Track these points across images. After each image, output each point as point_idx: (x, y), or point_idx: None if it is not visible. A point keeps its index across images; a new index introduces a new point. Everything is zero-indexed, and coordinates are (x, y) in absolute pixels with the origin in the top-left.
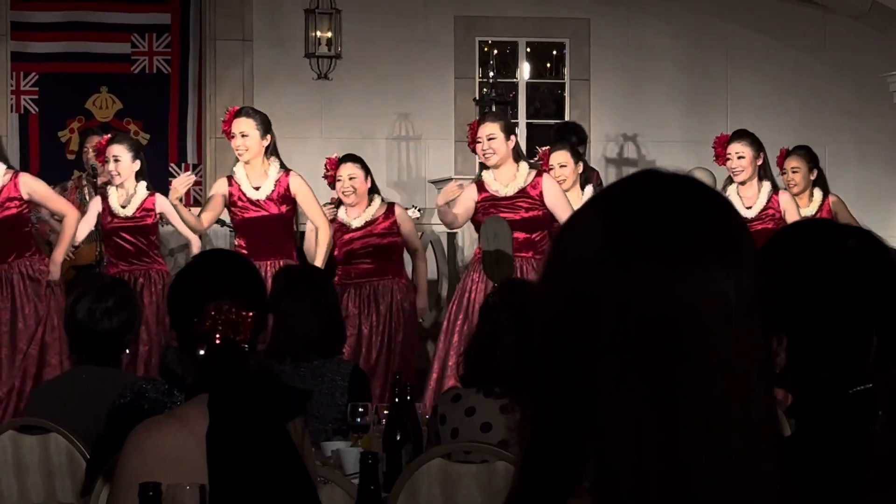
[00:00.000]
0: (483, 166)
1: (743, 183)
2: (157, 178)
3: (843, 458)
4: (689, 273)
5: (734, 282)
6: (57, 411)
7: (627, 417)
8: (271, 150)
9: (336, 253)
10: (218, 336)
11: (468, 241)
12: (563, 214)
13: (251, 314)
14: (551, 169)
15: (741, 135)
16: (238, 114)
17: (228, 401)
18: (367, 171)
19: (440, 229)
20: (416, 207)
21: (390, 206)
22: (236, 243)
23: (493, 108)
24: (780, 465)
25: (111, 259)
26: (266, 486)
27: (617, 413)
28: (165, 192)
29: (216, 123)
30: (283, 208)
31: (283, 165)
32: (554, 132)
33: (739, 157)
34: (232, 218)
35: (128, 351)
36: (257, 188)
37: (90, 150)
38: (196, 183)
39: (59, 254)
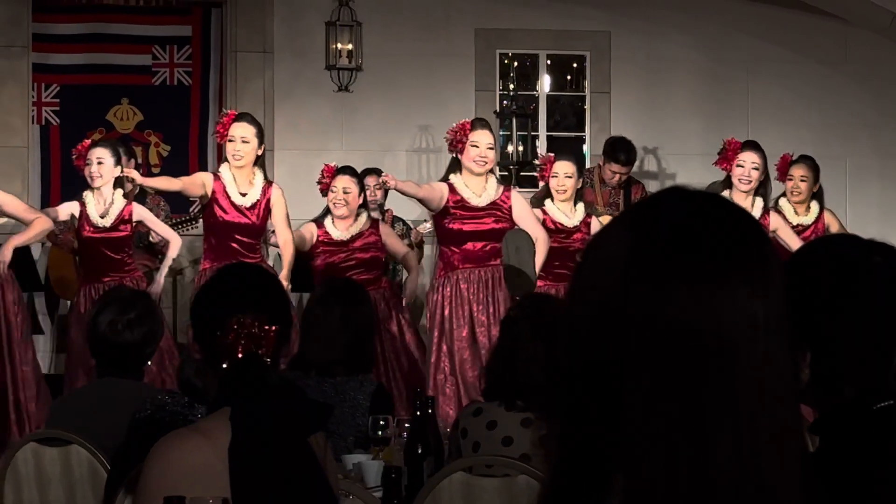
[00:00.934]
0: (453, 168)
1: (744, 192)
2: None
3: (867, 475)
4: (716, 291)
5: (761, 300)
6: (79, 423)
7: (656, 433)
8: (260, 161)
9: (317, 264)
10: (240, 350)
11: None
12: (530, 227)
13: (274, 328)
14: (555, 177)
15: (756, 146)
16: (240, 118)
17: (251, 414)
18: (363, 188)
19: None
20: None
21: (374, 222)
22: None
23: (514, 121)
24: (806, 482)
25: (84, 273)
26: (288, 499)
27: (645, 429)
28: (182, 206)
29: None
30: (263, 218)
31: (265, 176)
32: (606, 145)
33: (754, 168)
34: (208, 218)
35: (149, 363)
36: (244, 194)
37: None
38: None
39: (13, 242)
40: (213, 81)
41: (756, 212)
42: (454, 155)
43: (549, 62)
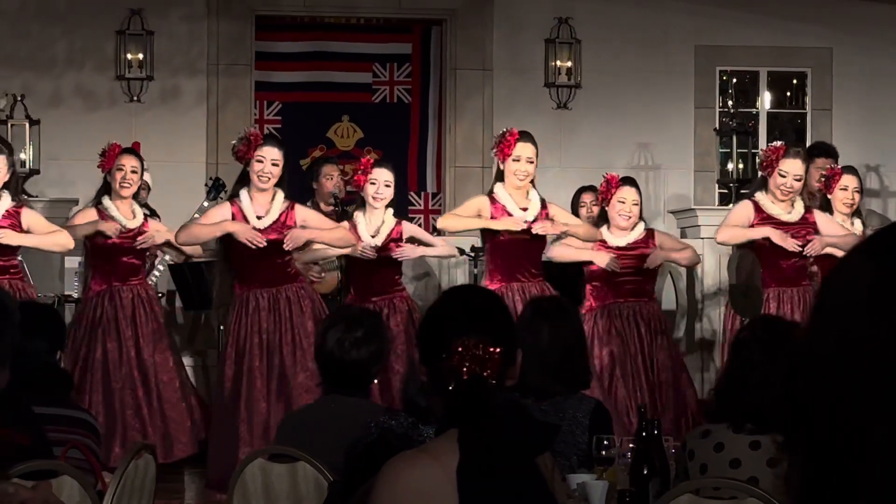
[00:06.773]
0: (760, 186)
1: None
2: (396, 207)
3: None
4: None
5: None
6: (306, 439)
7: None
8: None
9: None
10: (465, 372)
11: (711, 270)
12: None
13: (498, 350)
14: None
15: None
16: (523, 137)
17: (478, 436)
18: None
19: None
20: None
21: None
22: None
23: (734, 138)
24: None
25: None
26: None
27: (889, 464)
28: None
29: (456, 152)
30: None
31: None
32: (808, 150)
33: None
34: (486, 239)
35: (376, 381)
36: (524, 209)
37: (335, 177)
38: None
39: (18, 238)
40: (433, 99)
41: None
42: (762, 174)
43: (769, 79)
